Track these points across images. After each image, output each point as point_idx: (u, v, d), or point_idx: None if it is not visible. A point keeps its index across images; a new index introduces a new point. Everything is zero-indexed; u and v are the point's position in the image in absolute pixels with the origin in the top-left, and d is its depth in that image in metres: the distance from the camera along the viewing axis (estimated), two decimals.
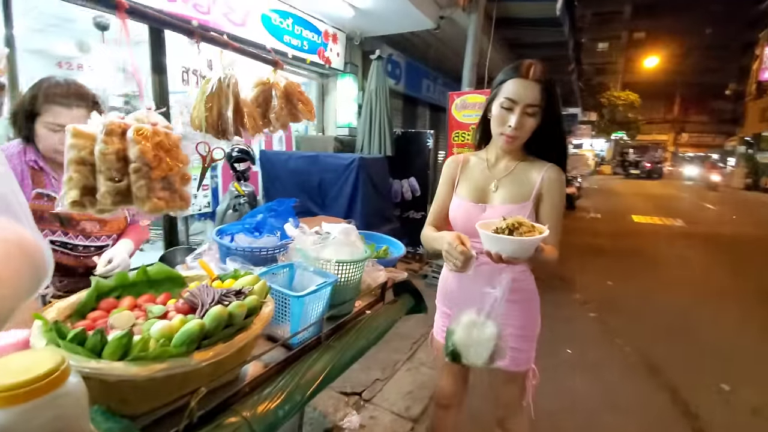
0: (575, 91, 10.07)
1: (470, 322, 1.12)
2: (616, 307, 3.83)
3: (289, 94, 1.20)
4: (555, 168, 1.17)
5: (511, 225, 0.94)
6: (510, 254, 0.93)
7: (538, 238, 0.93)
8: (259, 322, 0.97)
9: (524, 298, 1.24)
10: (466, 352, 1.11)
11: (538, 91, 1.08)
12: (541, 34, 5.02)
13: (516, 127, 1.10)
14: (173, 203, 0.69)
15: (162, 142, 0.61)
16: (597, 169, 27.75)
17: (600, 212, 9.95)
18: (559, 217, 1.17)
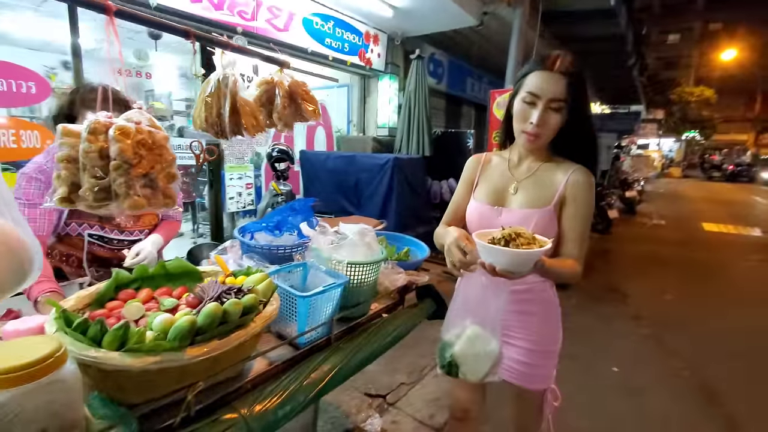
0: (637, 88, 9.30)
1: (474, 336, 1.05)
2: (675, 325, 3.46)
3: (294, 94, 1.20)
4: (582, 170, 1.06)
5: (507, 235, 0.86)
6: (504, 267, 0.84)
7: (536, 251, 0.83)
8: (260, 320, 0.97)
9: (542, 309, 1.14)
10: (465, 366, 1.04)
11: (563, 85, 0.98)
12: (594, 27, 4.67)
13: (538, 124, 1.00)
14: (156, 201, 0.70)
15: (144, 141, 0.63)
16: (665, 171, 25.53)
17: (664, 218, 9.11)
18: (584, 225, 1.05)
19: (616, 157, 9.87)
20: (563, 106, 1.00)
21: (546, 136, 1.04)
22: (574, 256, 1.03)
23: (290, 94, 1.19)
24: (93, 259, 1.43)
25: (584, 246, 1.05)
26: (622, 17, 4.39)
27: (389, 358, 2.61)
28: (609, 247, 6.22)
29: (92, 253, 1.41)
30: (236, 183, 3.79)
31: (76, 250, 1.40)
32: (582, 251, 1.05)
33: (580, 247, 1.04)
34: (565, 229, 1.05)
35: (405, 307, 1.63)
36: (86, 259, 1.41)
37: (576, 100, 1.00)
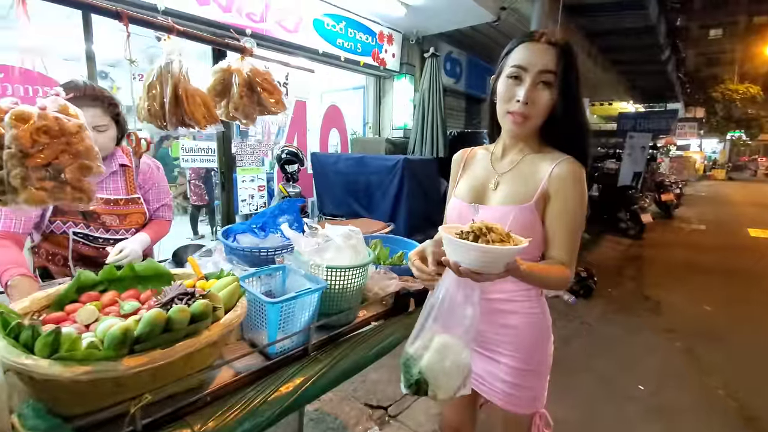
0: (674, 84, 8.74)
1: (443, 346, 0.90)
2: (712, 339, 3.15)
3: (253, 83, 1.11)
4: (569, 161, 0.92)
5: (477, 230, 0.73)
6: (470, 266, 0.72)
7: (506, 249, 0.70)
8: (217, 328, 0.89)
9: (526, 323, 0.99)
10: (435, 382, 0.89)
11: (553, 55, 0.86)
12: (622, 19, 4.40)
13: (525, 101, 0.87)
14: (62, 195, 0.64)
15: (47, 128, 0.56)
16: (707, 173, 24.05)
17: (705, 223, 8.51)
18: (573, 224, 0.90)
19: (652, 158, 9.34)
20: (553, 80, 0.87)
21: (535, 117, 0.91)
22: (562, 260, 0.90)
23: (248, 83, 1.12)
24: (79, 257, 1.41)
25: (574, 248, 0.91)
26: (653, 7, 4.11)
27: (393, 368, 2.50)
28: (641, 253, 5.85)
29: (77, 251, 1.39)
30: (248, 185, 3.80)
31: (62, 248, 1.38)
32: (571, 254, 0.91)
33: (569, 249, 0.90)
34: (550, 230, 0.91)
35: (397, 315, 1.52)
36: (72, 257, 1.39)
37: (567, 74, 0.87)
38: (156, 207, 1.55)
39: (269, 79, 1.13)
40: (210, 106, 1.02)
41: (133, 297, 1.05)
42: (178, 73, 0.91)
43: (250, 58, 1.14)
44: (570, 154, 0.94)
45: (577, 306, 3.71)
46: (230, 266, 1.27)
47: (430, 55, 3.81)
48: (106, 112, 1.28)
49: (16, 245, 1.24)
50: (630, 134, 8.44)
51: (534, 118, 0.90)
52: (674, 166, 14.64)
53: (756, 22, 18.64)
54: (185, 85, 0.93)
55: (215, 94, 1.11)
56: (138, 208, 1.46)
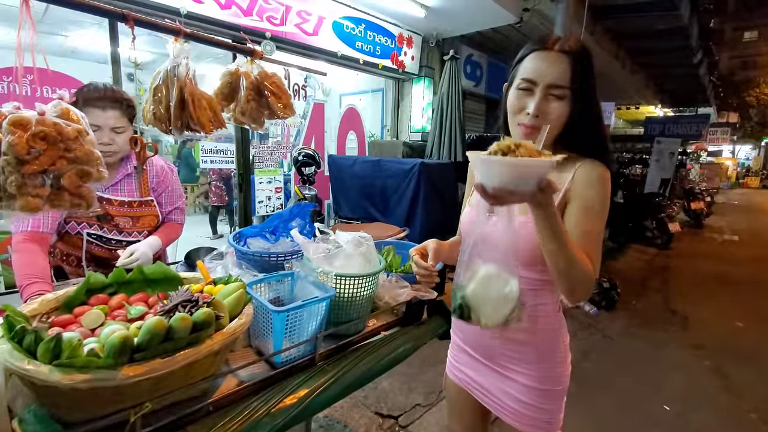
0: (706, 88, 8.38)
1: (487, 276, 0.84)
2: (744, 357, 2.98)
3: (261, 86, 1.09)
4: (591, 163, 0.85)
5: (505, 147, 0.67)
6: (499, 183, 0.66)
7: (539, 161, 0.64)
8: (220, 337, 0.87)
9: (542, 339, 0.93)
10: (478, 307, 0.83)
11: (566, 66, 0.81)
12: (652, 21, 4.23)
13: (535, 114, 0.83)
14: (59, 202, 0.62)
15: (46, 133, 0.55)
16: (740, 181, 23.01)
17: (738, 233, 8.12)
18: (593, 223, 0.83)
19: (681, 164, 8.98)
20: (567, 94, 0.82)
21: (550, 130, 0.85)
22: (590, 254, 0.81)
23: (256, 87, 1.10)
24: (91, 258, 1.42)
25: (596, 249, 0.83)
26: (685, 8, 3.93)
27: (406, 376, 2.46)
28: (668, 264, 5.61)
29: (90, 252, 1.41)
30: (266, 187, 3.83)
31: (76, 249, 1.40)
32: (594, 255, 0.82)
33: (590, 249, 0.81)
34: (572, 227, 0.83)
35: (409, 325, 1.48)
36: (85, 258, 1.41)
37: (582, 83, 0.82)
38: (169, 210, 1.56)
39: (278, 83, 1.11)
40: (217, 110, 1.01)
41: (141, 301, 1.04)
42: (184, 76, 0.90)
43: (259, 61, 1.13)
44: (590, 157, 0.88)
45: (598, 318, 3.57)
46: (239, 271, 1.26)
47: (449, 58, 3.76)
48: (125, 114, 1.29)
49: (42, 248, 1.26)
50: (658, 139, 8.14)
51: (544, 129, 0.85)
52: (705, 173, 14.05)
53: None
54: (191, 88, 0.91)
55: (223, 97, 1.10)
56: (151, 211, 1.47)
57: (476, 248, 0.84)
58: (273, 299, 1.23)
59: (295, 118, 4.62)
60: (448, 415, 1.23)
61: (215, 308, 0.91)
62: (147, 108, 0.96)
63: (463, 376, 1.15)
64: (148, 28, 0.91)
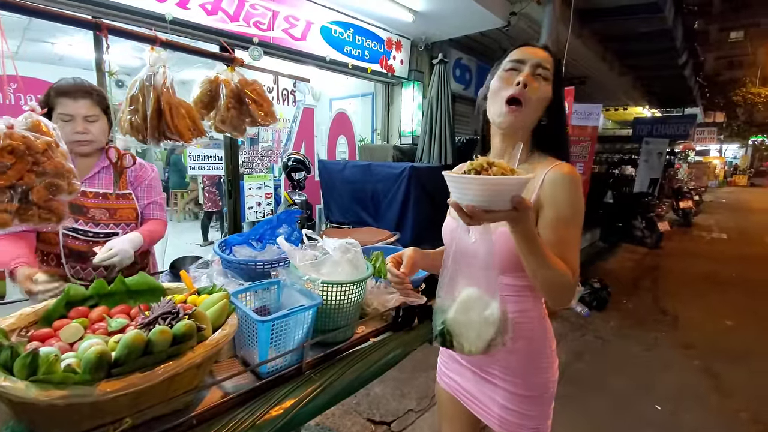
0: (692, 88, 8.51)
1: (468, 299, 0.84)
2: (734, 356, 3.01)
3: (241, 94, 1.08)
4: (561, 166, 0.86)
5: (478, 165, 0.69)
6: (472, 201, 0.67)
7: (510, 179, 0.66)
8: (202, 349, 0.86)
9: (526, 346, 0.92)
10: (460, 333, 0.83)
11: (549, 56, 0.90)
12: (637, 23, 4.29)
13: (525, 83, 0.85)
14: (28, 217, 0.61)
15: (14, 148, 0.54)
16: (728, 179, 23.38)
17: (726, 232, 8.23)
18: (569, 231, 0.83)
19: (669, 164, 9.10)
20: (548, 77, 0.89)
21: (530, 106, 0.87)
22: (568, 262, 0.82)
23: (236, 95, 1.09)
24: (69, 253, 1.39)
25: (573, 256, 0.83)
26: (669, 11, 3.99)
27: (398, 381, 2.44)
28: (658, 263, 5.66)
29: (68, 246, 1.38)
30: (255, 193, 3.81)
31: (53, 246, 1.37)
32: (572, 259, 0.82)
33: (568, 257, 0.81)
34: (546, 235, 0.83)
35: (398, 331, 1.47)
36: (63, 254, 1.38)
37: (557, 78, 0.90)
38: (145, 204, 1.51)
39: (258, 90, 1.10)
40: (195, 118, 0.99)
41: (123, 313, 1.02)
42: (161, 85, 0.89)
43: (240, 68, 1.12)
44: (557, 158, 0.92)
45: (590, 318, 3.59)
46: (225, 280, 1.24)
47: (438, 62, 3.77)
48: (96, 103, 1.29)
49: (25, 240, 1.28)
50: (646, 140, 8.24)
51: (527, 108, 0.87)
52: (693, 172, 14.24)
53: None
54: (168, 97, 0.90)
55: (202, 105, 1.09)
56: (129, 204, 1.45)
57: (456, 264, 0.85)
58: (259, 308, 1.22)
59: (285, 123, 4.61)
60: (440, 422, 1.22)
61: (197, 320, 0.89)
62: (123, 117, 0.94)
63: (453, 383, 1.14)
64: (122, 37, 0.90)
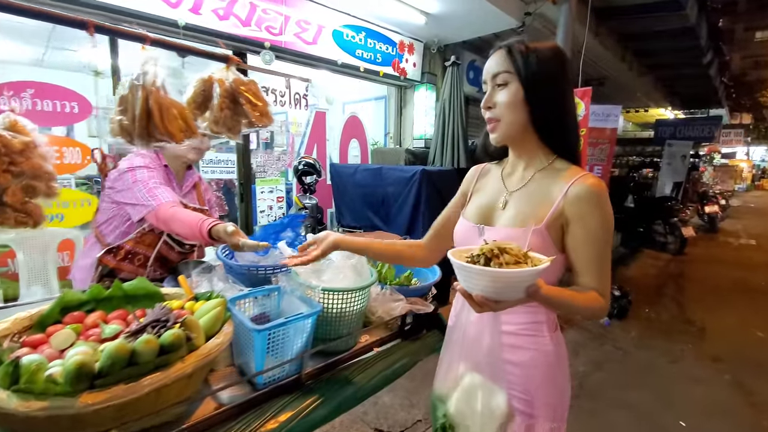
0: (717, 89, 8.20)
1: (472, 386, 0.82)
2: (766, 370, 2.83)
3: (236, 94, 1.05)
4: (586, 178, 0.81)
5: (488, 251, 0.65)
6: (483, 292, 0.64)
7: (524, 272, 0.62)
8: (193, 359, 0.82)
9: (537, 359, 0.85)
10: (464, 428, 0.81)
11: (501, 57, 0.85)
12: (659, 21, 4.14)
13: (486, 105, 0.87)
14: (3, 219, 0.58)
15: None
16: (756, 183, 22.49)
17: (755, 238, 7.87)
18: (600, 250, 0.80)
19: (693, 167, 8.78)
20: (508, 79, 0.84)
21: (502, 118, 0.85)
22: (593, 287, 0.79)
23: (231, 94, 1.06)
24: (159, 258, 1.47)
25: (605, 274, 0.81)
26: (692, 8, 3.84)
27: (407, 391, 2.37)
28: (683, 270, 5.43)
29: (162, 252, 1.46)
30: (267, 196, 3.80)
31: (148, 248, 1.44)
32: (603, 282, 0.80)
33: (599, 277, 0.80)
34: (574, 259, 0.82)
35: (405, 340, 1.41)
36: (154, 257, 1.45)
37: (527, 69, 0.82)
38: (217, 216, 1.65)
39: (254, 90, 1.07)
40: (188, 118, 0.96)
41: (119, 318, 1.00)
42: (150, 84, 0.86)
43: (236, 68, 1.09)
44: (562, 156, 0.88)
45: (610, 328, 3.44)
46: (225, 285, 1.21)
47: (450, 64, 3.72)
48: None
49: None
50: (669, 142, 7.97)
51: (501, 120, 0.86)
52: (718, 176, 13.74)
53: None
54: (158, 97, 0.87)
55: (196, 106, 1.06)
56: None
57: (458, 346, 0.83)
58: (258, 315, 1.18)
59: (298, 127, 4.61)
60: None
61: (188, 328, 0.86)
62: (114, 118, 0.92)
63: None
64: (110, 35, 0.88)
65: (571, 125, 0.88)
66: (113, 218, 1.46)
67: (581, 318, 0.83)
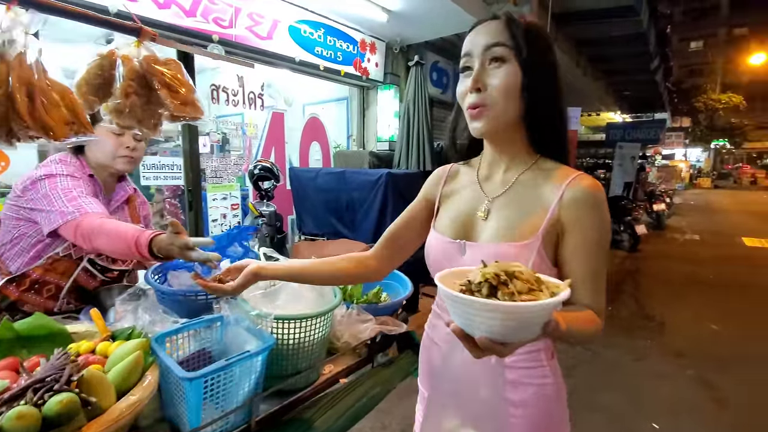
0: (662, 94, 8.74)
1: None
2: (725, 363, 2.91)
3: (149, 75, 0.83)
4: (582, 179, 0.69)
5: (492, 277, 0.48)
6: (489, 334, 0.47)
7: (545, 305, 0.46)
8: (95, 427, 0.61)
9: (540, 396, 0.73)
10: None
11: (498, 27, 0.67)
12: (613, 27, 4.27)
13: (475, 85, 0.67)
14: None
15: None
16: (693, 182, 24.38)
17: (698, 233, 8.40)
18: (598, 260, 0.68)
19: (641, 168, 9.28)
20: (506, 55, 0.66)
21: (494, 103, 0.68)
22: (590, 306, 0.66)
23: (141, 76, 0.83)
24: (73, 288, 1.23)
25: (601, 291, 0.68)
26: (644, 13, 3.98)
27: (379, 412, 2.20)
28: (638, 267, 5.65)
29: (77, 281, 1.23)
30: (220, 204, 3.51)
31: (62, 277, 1.20)
32: (599, 298, 0.67)
33: (595, 292, 0.67)
34: (569, 270, 0.68)
35: (375, 366, 1.24)
36: (68, 287, 1.22)
37: (530, 48, 0.66)
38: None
39: (174, 72, 0.84)
40: (76, 106, 0.73)
41: (10, 369, 0.77)
42: (15, 59, 0.63)
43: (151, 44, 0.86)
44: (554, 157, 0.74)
45: None
46: (150, 318, 0.98)
47: (414, 64, 3.62)
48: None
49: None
50: (619, 144, 8.36)
51: (494, 105, 0.67)
52: (662, 176, 14.67)
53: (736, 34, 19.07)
54: (28, 76, 0.64)
55: (91, 90, 0.82)
56: None
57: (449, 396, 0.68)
58: (197, 353, 0.96)
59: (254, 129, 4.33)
60: None
61: (87, 388, 0.64)
62: None
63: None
64: None
65: (565, 122, 0.74)
66: (18, 239, 1.19)
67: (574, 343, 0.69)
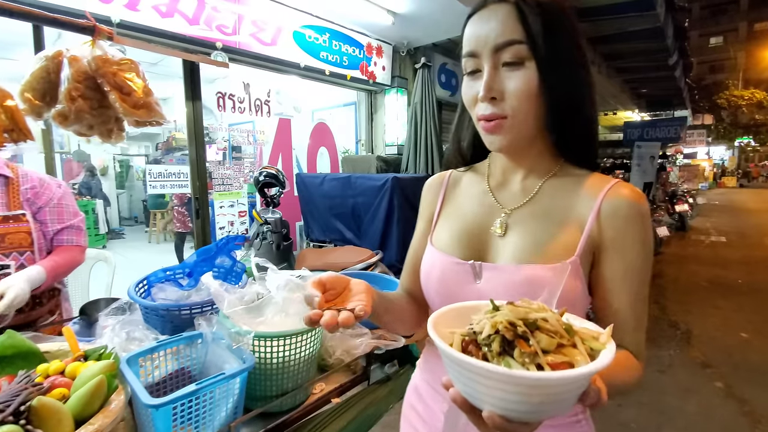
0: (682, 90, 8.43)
1: None
2: (756, 374, 2.72)
3: (102, 76, 0.76)
4: (622, 187, 0.58)
5: (507, 329, 0.36)
6: (504, 411, 0.35)
7: (588, 372, 0.34)
8: None
9: None
10: None
11: (509, 18, 0.53)
12: (628, 22, 4.11)
13: (487, 95, 0.55)
14: None
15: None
16: (717, 181, 23.54)
17: (724, 234, 8.05)
18: (642, 284, 0.57)
19: (662, 167, 8.96)
20: (524, 54, 0.53)
21: (516, 117, 0.55)
22: (633, 349, 0.56)
23: (90, 79, 0.77)
24: None
25: (644, 324, 0.57)
26: (661, 6, 3.82)
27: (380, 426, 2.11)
28: (661, 271, 5.41)
29: None
30: (227, 211, 3.50)
31: None
32: (642, 335, 0.57)
33: (638, 327, 0.56)
34: (610, 297, 0.57)
35: (371, 383, 1.17)
36: None
37: (551, 39, 0.53)
38: (58, 229, 1.27)
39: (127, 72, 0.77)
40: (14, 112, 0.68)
41: None
42: None
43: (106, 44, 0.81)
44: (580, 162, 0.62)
45: None
46: (126, 335, 0.93)
47: (420, 66, 3.55)
48: None
49: None
50: (638, 144, 8.09)
51: (514, 115, 0.55)
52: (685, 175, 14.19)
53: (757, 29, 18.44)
54: None
55: (36, 95, 0.77)
56: (22, 227, 1.18)
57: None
58: (176, 372, 0.91)
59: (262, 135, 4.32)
60: None
61: (36, 417, 0.59)
62: None
63: None
64: None
65: (596, 122, 0.62)
66: None
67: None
